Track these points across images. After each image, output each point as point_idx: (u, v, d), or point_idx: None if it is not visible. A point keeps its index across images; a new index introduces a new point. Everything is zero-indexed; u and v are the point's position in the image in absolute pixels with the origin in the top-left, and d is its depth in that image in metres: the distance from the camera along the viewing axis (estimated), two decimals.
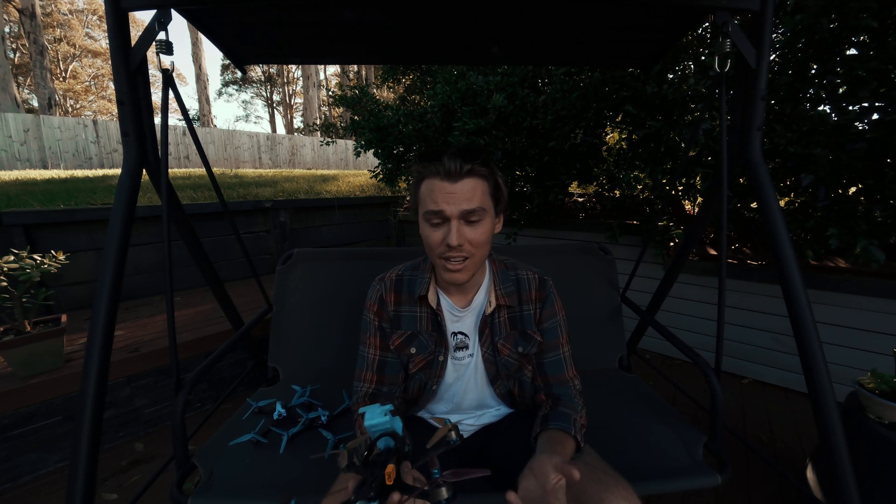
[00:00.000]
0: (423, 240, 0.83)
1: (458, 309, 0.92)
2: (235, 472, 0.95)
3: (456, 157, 0.74)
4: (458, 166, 0.74)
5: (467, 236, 0.77)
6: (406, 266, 0.98)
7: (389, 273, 0.97)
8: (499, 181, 0.82)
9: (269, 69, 25.52)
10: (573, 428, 0.81)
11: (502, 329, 0.92)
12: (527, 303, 0.94)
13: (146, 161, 1.02)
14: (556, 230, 3.00)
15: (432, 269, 0.92)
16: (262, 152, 12.45)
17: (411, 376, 0.95)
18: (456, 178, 0.75)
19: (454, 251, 0.77)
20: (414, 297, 0.92)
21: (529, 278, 0.95)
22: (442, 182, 0.75)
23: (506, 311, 0.93)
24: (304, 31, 1.21)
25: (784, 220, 0.95)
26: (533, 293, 0.94)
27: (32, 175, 5.05)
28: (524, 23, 1.16)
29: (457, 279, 0.81)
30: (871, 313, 1.89)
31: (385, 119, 3.44)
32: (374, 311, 0.94)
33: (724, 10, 0.93)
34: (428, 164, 0.77)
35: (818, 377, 0.87)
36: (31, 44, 9.77)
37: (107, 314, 0.88)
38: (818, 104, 1.78)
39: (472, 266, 0.81)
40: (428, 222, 0.79)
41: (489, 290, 0.92)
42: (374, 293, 0.95)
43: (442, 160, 0.75)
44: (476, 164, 0.76)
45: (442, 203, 0.75)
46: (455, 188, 0.75)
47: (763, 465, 1.59)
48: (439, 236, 0.78)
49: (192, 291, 2.86)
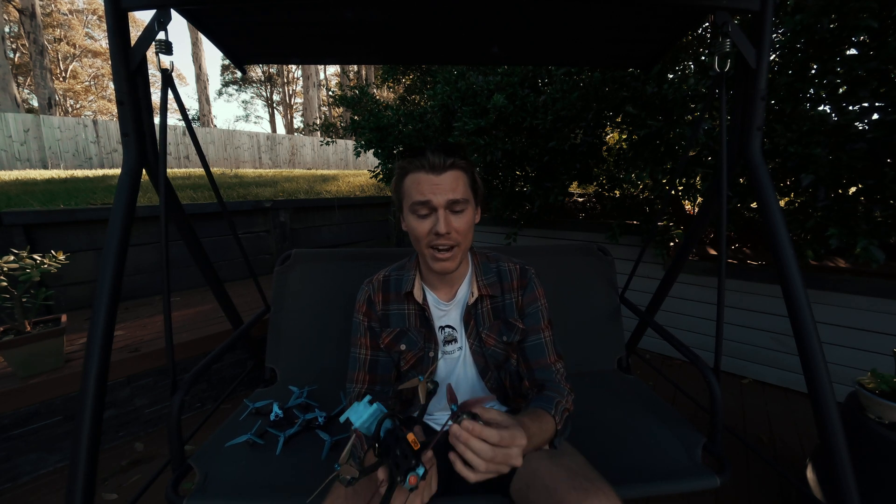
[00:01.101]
0: (409, 232, 0.86)
1: (443, 303, 0.95)
2: (231, 474, 0.95)
3: (439, 152, 0.80)
4: (441, 160, 0.79)
5: (453, 225, 0.81)
6: (392, 267, 1.02)
7: (377, 275, 1.01)
8: (475, 175, 0.87)
9: (269, 69, 25.52)
10: (553, 409, 0.81)
11: (486, 319, 0.95)
12: (508, 292, 0.96)
13: (146, 161, 1.02)
14: (556, 230, 3.00)
15: (417, 266, 0.97)
16: (262, 152, 12.45)
17: (403, 374, 0.97)
18: (440, 170, 0.80)
19: (442, 239, 0.81)
20: (401, 295, 0.95)
21: (511, 269, 0.98)
22: (427, 175, 0.80)
23: (488, 301, 0.95)
24: (304, 31, 1.21)
25: (784, 220, 0.94)
26: (514, 282, 0.97)
27: (32, 175, 5.05)
28: (524, 23, 1.16)
29: (446, 267, 0.85)
30: (871, 313, 1.89)
31: (385, 119, 3.44)
32: (364, 312, 0.97)
33: (724, 10, 0.93)
34: (412, 160, 0.81)
35: (818, 377, 0.87)
36: (31, 44, 9.77)
37: (107, 314, 0.88)
38: (818, 104, 1.78)
39: (458, 254, 0.85)
40: (415, 214, 0.83)
41: (471, 282, 0.95)
42: (363, 295, 0.98)
43: (426, 155, 0.79)
44: (457, 158, 0.81)
45: (428, 194, 0.79)
46: (440, 180, 0.80)
47: (763, 465, 1.59)
48: (427, 226, 0.82)
49: (192, 291, 2.86)
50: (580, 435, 0.90)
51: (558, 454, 0.80)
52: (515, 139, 2.78)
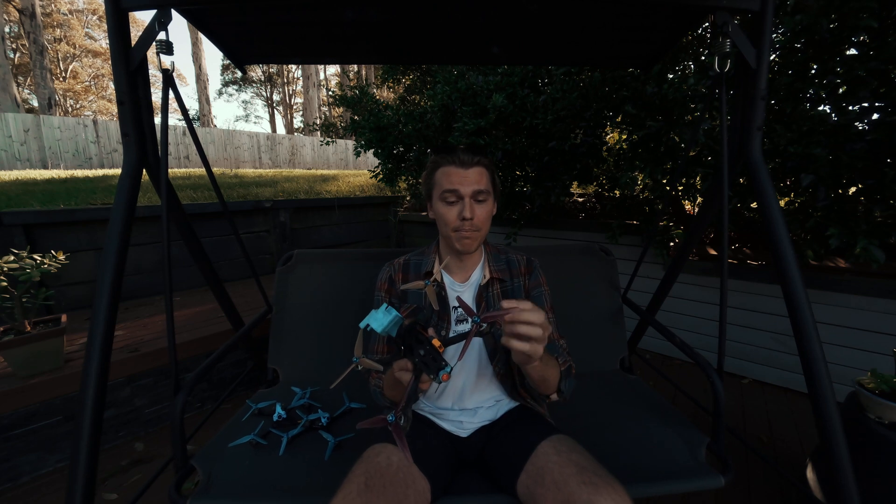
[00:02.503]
0: (437, 218, 0.99)
1: (458, 284, 1.04)
2: (234, 474, 0.95)
3: (467, 151, 0.94)
4: (469, 157, 0.94)
5: (476, 212, 0.94)
6: (412, 252, 1.14)
7: (397, 259, 1.12)
8: (496, 173, 1.01)
9: (269, 69, 25.51)
10: (556, 352, 0.93)
11: (496, 301, 1.03)
12: (517, 276, 1.07)
13: (146, 161, 1.02)
14: (557, 230, 3.00)
15: (437, 252, 1.08)
16: (262, 152, 12.45)
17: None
18: (468, 166, 0.93)
19: (467, 224, 0.94)
20: (420, 276, 1.06)
21: (518, 259, 1.10)
22: (457, 169, 0.93)
23: (498, 285, 1.05)
24: (304, 31, 1.21)
25: (784, 220, 0.94)
26: (522, 269, 1.09)
27: (32, 175, 5.05)
28: (524, 23, 1.16)
29: (468, 246, 0.97)
30: (871, 313, 1.89)
31: (385, 119, 3.44)
32: (385, 289, 1.07)
33: (724, 10, 0.93)
34: (445, 155, 0.95)
35: (818, 377, 0.87)
36: (31, 44, 9.76)
37: (107, 314, 0.88)
38: (818, 104, 1.78)
39: (479, 238, 0.98)
40: (444, 201, 0.95)
41: (484, 266, 1.06)
42: (385, 274, 1.09)
43: (456, 152, 0.94)
44: (482, 157, 0.96)
45: (457, 184, 0.93)
46: (468, 173, 0.93)
47: (763, 465, 1.59)
48: (455, 211, 0.94)
49: (192, 291, 2.86)
50: (583, 435, 0.90)
51: (566, 451, 0.80)
52: (515, 139, 2.78)
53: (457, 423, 0.98)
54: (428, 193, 1.01)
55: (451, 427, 0.98)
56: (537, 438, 0.85)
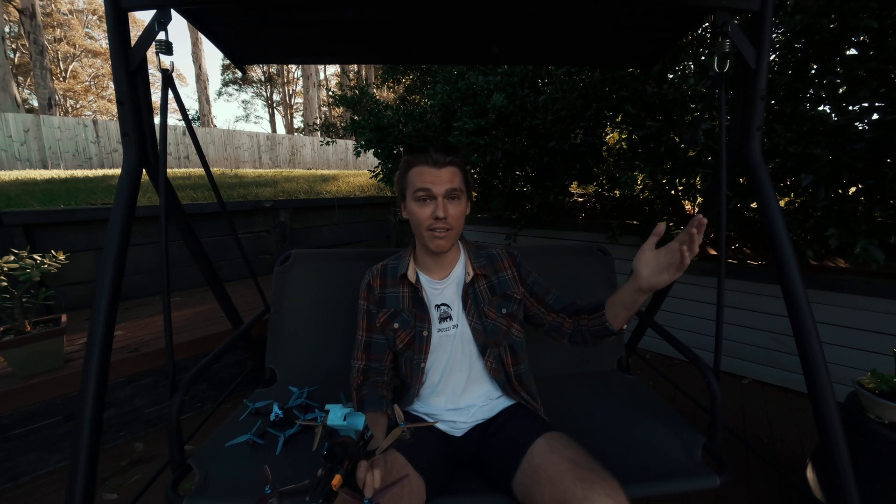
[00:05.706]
0: (410, 218, 0.99)
1: (436, 282, 1.05)
2: (231, 474, 0.95)
3: (440, 151, 0.93)
4: (442, 157, 0.93)
5: (449, 211, 0.94)
6: (391, 257, 1.13)
7: (378, 264, 1.12)
8: (469, 172, 1.01)
9: (269, 69, 25.51)
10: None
11: (484, 297, 1.04)
12: (501, 270, 1.08)
13: (146, 161, 1.02)
14: (556, 230, 3.00)
15: (412, 254, 1.08)
16: (262, 152, 12.45)
17: (399, 354, 1.04)
18: (441, 165, 0.93)
19: (440, 223, 0.93)
20: (396, 279, 1.05)
21: (499, 253, 1.11)
22: (430, 168, 0.93)
23: (484, 281, 1.06)
24: (304, 31, 1.21)
25: (784, 220, 0.94)
26: (505, 262, 1.09)
27: (32, 175, 5.05)
28: (524, 23, 1.16)
29: (441, 246, 0.97)
30: (871, 313, 1.89)
31: (385, 119, 3.44)
32: (364, 297, 1.08)
33: (724, 10, 0.93)
34: (417, 155, 0.95)
35: (818, 377, 0.87)
36: (31, 44, 9.76)
37: (107, 314, 0.88)
38: (818, 104, 1.78)
39: (452, 237, 0.97)
40: (417, 200, 0.95)
41: (466, 263, 1.06)
42: (364, 282, 1.10)
43: (429, 152, 0.93)
44: (455, 156, 0.95)
45: (430, 183, 0.93)
46: (440, 173, 0.93)
47: (763, 465, 1.59)
48: (427, 211, 0.94)
49: (192, 291, 2.86)
50: (580, 435, 0.90)
51: (560, 447, 0.80)
52: (515, 139, 2.78)
53: (451, 424, 0.98)
54: (402, 193, 1.01)
55: (445, 427, 0.98)
56: (532, 436, 0.85)
